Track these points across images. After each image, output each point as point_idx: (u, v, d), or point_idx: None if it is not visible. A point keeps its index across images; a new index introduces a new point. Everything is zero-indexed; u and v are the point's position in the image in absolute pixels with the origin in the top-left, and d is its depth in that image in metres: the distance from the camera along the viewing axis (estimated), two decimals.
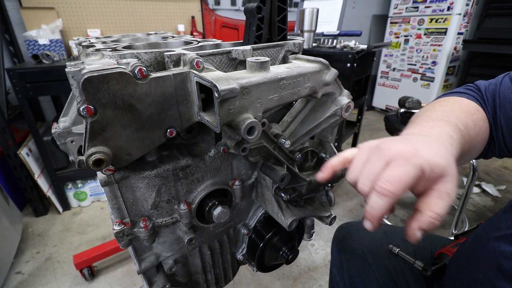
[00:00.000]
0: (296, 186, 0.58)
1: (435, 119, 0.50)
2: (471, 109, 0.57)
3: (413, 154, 0.35)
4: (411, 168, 0.34)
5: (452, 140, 0.43)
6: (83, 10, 2.29)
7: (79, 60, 0.59)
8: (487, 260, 0.52)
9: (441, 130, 0.45)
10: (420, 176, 0.35)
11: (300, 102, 0.54)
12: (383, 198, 0.34)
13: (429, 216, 0.34)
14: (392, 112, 1.82)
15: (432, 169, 0.35)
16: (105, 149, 0.35)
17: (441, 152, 0.38)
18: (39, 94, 2.05)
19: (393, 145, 0.38)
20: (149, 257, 0.54)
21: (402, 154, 0.36)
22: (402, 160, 0.35)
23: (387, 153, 0.37)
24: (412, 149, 0.36)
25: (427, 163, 0.35)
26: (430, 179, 0.36)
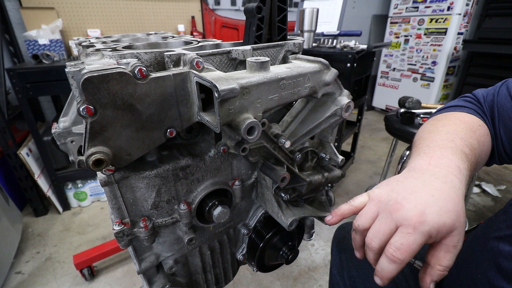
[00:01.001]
0: (296, 186, 0.58)
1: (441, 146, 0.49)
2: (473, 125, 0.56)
3: (420, 222, 0.38)
4: (419, 237, 0.38)
5: (460, 174, 0.44)
6: (83, 10, 2.29)
7: (79, 60, 0.59)
8: (487, 260, 0.52)
9: (448, 163, 0.45)
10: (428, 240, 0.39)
11: (300, 102, 0.54)
12: (393, 264, 0.39)
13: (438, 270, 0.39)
14: (392, 112, 1.82)
15: (439, 231, 0.38)
16: (105, 149, 0.35)
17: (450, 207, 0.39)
18: (39, 94, 2.05)
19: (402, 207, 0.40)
20: (149, 257, 0.54)
21: (411, 221, 0.38)
22: (411, 229, 0.38)
23: (396, 217, 0.39)
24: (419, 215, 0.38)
25: (435, 228, 0.38)
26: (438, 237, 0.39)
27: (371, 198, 0.45)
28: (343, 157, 0.61)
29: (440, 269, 0.39)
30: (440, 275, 0.39)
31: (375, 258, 0.42)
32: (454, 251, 0.39)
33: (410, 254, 0.38)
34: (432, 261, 0.40)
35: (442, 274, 0.39)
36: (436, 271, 0.39)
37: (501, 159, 0.60)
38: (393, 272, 0.39)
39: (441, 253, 0.39)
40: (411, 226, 0.38)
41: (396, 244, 0.38)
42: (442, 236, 0.39)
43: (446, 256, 0.39)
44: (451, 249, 0.39)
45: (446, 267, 0.39)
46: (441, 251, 0.39)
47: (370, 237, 0.42)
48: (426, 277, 0.40)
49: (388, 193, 0.43)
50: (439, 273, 0.39)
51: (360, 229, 0.45)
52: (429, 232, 0.38)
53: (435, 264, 0.39)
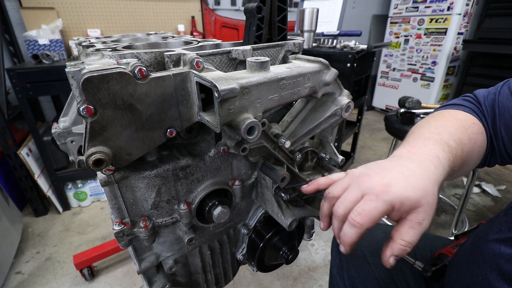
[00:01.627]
0: (296, 186, 0.58)
1: (425, 138, 0.50)
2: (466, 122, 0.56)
3: (383, 191, 0.39)
4: (381, 204, 0.39)
5: (437, 162, 0.45)
6: (83, 10, 2.29)
7: (79, 60, 0.59)
8: (487, 262, 0.52)
9: (428, 151, 0.46)
10: (389, 210, 0.40)
11: (300, 102, 0.54)
12: (353, 228, 0.40)
13: (399, 244, 0.39)
14: (392, 112, 1.82)
15: (403, 203, 0.39)
16: (105, 149, 0.35)
17: (418, 184, 0.40)
18: (39, 94, 2.05)
19: (371, 178, 0.42)
20: (149, 257, 0.54)
21: (375, 189, 0.40)
22: (373, 196, 0.40)
23: (363, 186, 0.42)
24: (384, 185, 0.40)
25: (398, 198, 0.39)
26: (402, 211, 0.40)
27: (347, 173, 0.47)
28: (343, 157, 0.61)
29: (401, 244, 0.39)
30: (400, 250, 0.39)
31: (339, 226, 0.44)
32: (418, 228, 0.39)
33: (370, 220, 0.39)
34: (395, 235, 0.40)
35: (403, 249, 0.39)
36: (397, 245, 0.39)
37: (502, 159, 0.59)
38: (353, 237, 0.40)
39: (405, 228, 0.40)
40: (375, 194, 0.40)
41: (358, 210, 0.40)
42: (407, 210, 0.40)
43: (409, 231, 0.39)
44: (416, 225, 0.39)
45: (408, 243, 0.39)
46: (405, 226, 0.40)
47: (337, 205, 0.43)
48: (387, 250, 0.41)
49: (362, 170, 0.46)
50: (400, 247, 0.39)
51: (329, 196, 0.47)
52: (391, 201, 0.39)
53: (397, 238, 0.40)
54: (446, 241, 0.82)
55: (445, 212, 2.13)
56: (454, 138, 0.51)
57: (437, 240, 0.83)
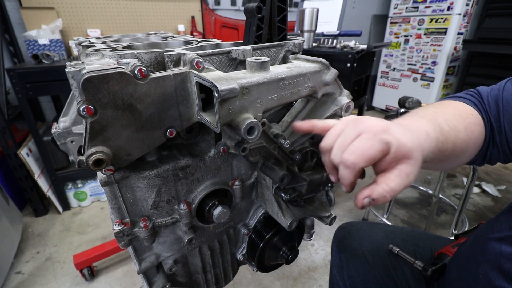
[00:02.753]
0: (296, 186, 0.58)
1: (420, 116, 0.50)
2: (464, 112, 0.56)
3: (383, 130, 0.37)
4: (377, 142, 0.36)
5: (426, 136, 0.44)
6: (83, 10, 2.29)
7: (79, 60, 0.59)
8: (488, 261, 0.52)
9: (420, 125, 0.46)
10: (385, 151, 0.37)
11: (300, 102, 0.54)
12: (347, 169, 0.37)
13: (382, 188, 0.36)
14: (392, 112, 1.81)
15: (399, 147, 0.37)
16: (105, 149, 0.35)
17: (412, 138, 0.39)
18: (39, 94, 2.05)
19: (368, 119, 0.40)
20: (149, 257, 0.54)
21: (373, 128, 0.38)
22: (371, 134, 0.37)
23: (361, 126, 0.39)
24: (384, 125, 0.38)
25: (396, 140, 0.37)
26: (395, 157, 0.37)
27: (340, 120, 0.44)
28: None
29: (384, 188, 0.36)
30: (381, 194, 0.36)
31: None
32: (405, 179, 0.37)
33: (364, 158, 0.36)
34: (380, 179, 0.38)
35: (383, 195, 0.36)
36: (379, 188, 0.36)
37: (505, 156, 0.59)
38: (349, 177, 0.38)
39: (392, 176, 0.37)
40: (372, 132, 0.37)
41: (351, 148, 0.37)
42: (399, 157, 0.38)
43: (396, 179, 0.37)
44: (404, 175, 0.37)
45: (391, 189, 0.36)
46: (393, 174, 0.37)
47: (334, 153, 0.40)
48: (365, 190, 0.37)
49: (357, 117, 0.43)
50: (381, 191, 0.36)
51: (325, 149, 0.43)
52: (389, 141, 0.36)
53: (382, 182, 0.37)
54: (446, 241, 0.82)
55: (445, 212, 2.13)
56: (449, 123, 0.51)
57: (437, 240, 0.83)
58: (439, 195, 1.75)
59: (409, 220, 2.06)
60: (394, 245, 0.80)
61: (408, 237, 0.84)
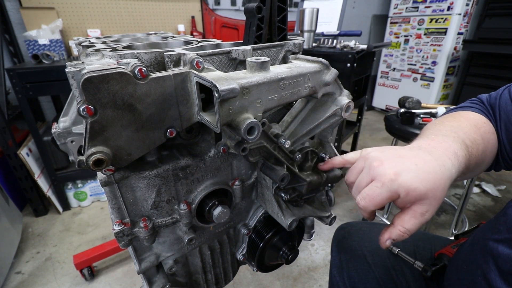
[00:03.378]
0: (296, 186, 0.58)
1: (444, 134, 0.51)
2: (478, 122, 0.57)
3: (391, 180, 0.40)
4: (385, 192, 0.41)
5: (455, 158, 0.45)
6: (83, 10, 2.29)
7: (79, 60, 0.59)
8: (487, 262, 0.52)
9: (447, 147, 0.47)
10: (394, 198, 0.41)
11: (300, 102, 0.54)
12: (360, 209, 0.44)
13: (399, 230, 0.42)
14: (392, 112, 1.82)
15: (408, 193, 0.40)
16: (105, 149, 0.35)
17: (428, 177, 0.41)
18: (39, 94, 2.05)
19: (382, 164, 0.43)
20: (149, 257, 0.54)
21: (383, 177, 0.41)
22: (379, 183, 0.41)
23: (373, 172, 0.43)
24: (393, 174, 0.41)
25: (403, 188, 0.40)
26: (407, 200, 0.41)
27: (362, 156, 0.48)
28: None
29: (401, 230, 0.42)
30: (399, 235, 0.42)
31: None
32: (420, 218, 0.41)
33: (373, 204, 0.41)
34: (396, 221, 0.43)
35: (401, 235, 0.42)
36: (396, 230, 0.42)
37: (505, 163, 0.60)
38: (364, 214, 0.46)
39: (407, 217, 0.42)
40: (381, 181, 0.41)
41: (363, 194, 0.43)
42: (412, 200, 0.41)
43: (410, 220, 0.41)
44: (418, 215, 0.41)
45: (407, 230, 0.41)
46: (408, 215, 0.42)
47: (353, 190, 0.47)
48: (386, 233, 0.43)
49: (377, 154, 0.46)
50: (398, 233, 0.42)
51: (349, 183, 0.50)
52: (396, 190, 0.40)
53: (398, 224, 0.42)
54: (446, 241, 0.82)
55: (445, 212, 2.13)
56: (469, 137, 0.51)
57: (437, 240, 0.83)
58: None
59: None
60: (394, 246, 0.80)
61: (408, 238, 0.84)
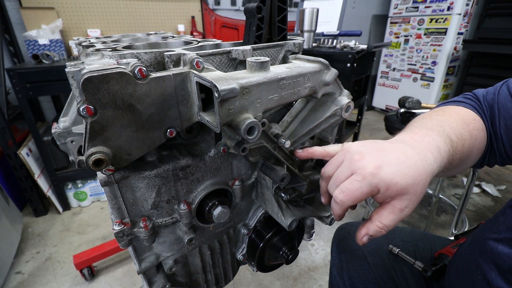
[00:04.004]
0: (296, 186, 0.58)
1: (428, 128, 0.50)
2: (467, 118, 0.56)
3: (371, 174, 0.39)
4: (365, 185, 0.39)
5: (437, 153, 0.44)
6: (83, 10, 2.29)
7: (79, 60, 0.59)
8: (486, 262, 0.52)
9: (430, 141, 0.46)
10: (374, 192, 0.40)
11: (300, 102, 0.54)
12: (336, 204, 0.42)
13: (376, 226, 0.41)
14: (392, 112, 1.82)
15: (389, 188, 0.39)
16: (105, 149, 0.35)
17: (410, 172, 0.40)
18: (39, 94, 2.05)
19: (362, 158, 0.41)
20: (149, 257, 0.54)
21: (363, 170, 0.40)
22: (360, 176, 0.40)
23: (354, 165, 0.41)
24: (374, 167, 0.39)
25: (384, 183, 0.39)
26: (387, 195, 0.40)
27: (342, 149, 0.47)
28: None
29: (378, 226, 0.40)
30: (376, 231, 0.40)
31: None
32: (399, 214, 0.40)
33: (351, 199, 0.40)
34: (374, 217, 0.42)
35: (378, 231, 0.40)
36: (374, 226, 0.41)
37: (502, 160, 0.59)
38: (337, 211, 0.43)
39: (385, 212, 0.40)
40: (362, 175, 0.40)
41: (342, 187, 0.41)
42: (391, 195, 0.40)
43: (389, 216, 0.40)
44: (397, 211, 0.40)
45: (385, 226, 0.40)
46: (386, 210, 0.40)
47: (330, 184, 0.44)
48: (363, 229, 0.42)
49: (358, 147, 0.44)
50: (376, 229, 0.40)
51: (325, 176, 0.47)
52: (377, 185, 0.39)
53: (376, 219, 0.41)
54: (446, 241, 0.82)
55: (445, 212, 2.13)
56: (456, 132, 0.51)
57: (437, 240, 0.83)
58: (439, 195, 1.75)
59: (409, 220, 2.06)
60: (394, 246, 0.80)
61: (408, 238, 0.84)
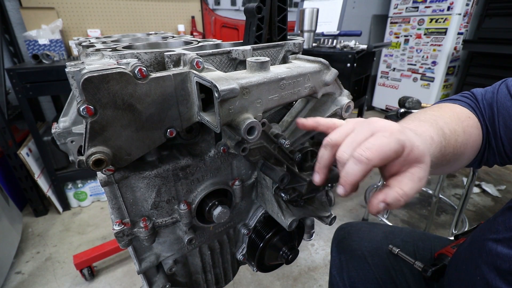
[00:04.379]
0: (296, 186, 0.58)
1: (422, 120, 0.51)
2: (462, 115, 0.57)
3: (399, 130, 0.37)
4: (394, 141, 0.35)
5: (431, 141, 0.45)
6: (83, 10, 2.29)
7: (79, 60, 0.59)
8: (485, 262, 0.52)
9: (424, 130, 0.46)
10: (400, 152, 0.36)
11: (300, 102, 0.54)
12: (358, 165, 0.35)
13: (396, 192, 0.36)
14: (392, 112, 1.82)
15: (413, 149, 0.36)
16: (105, 149, 0.35)
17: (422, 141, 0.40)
18: (39, 94, 2.05)
19: (381, 120, 0.39)
20: (149, 257, 0.54)
21: (389, 128, 0.37)
22: (387, 132, 0.36)
23: (375, 125, 0.38)
24: (399, 126, 0.38)
25: (410, 142, 0.36)
26: (407, 160, 0.37)
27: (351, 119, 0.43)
28: None
29: (398, 192, 0.36)
30: (395, 198, 0.35)
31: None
32: (418, 183, 0.37)
33: (379, 156, 0.34)
34: (393, 183, 0.37)
35: (398, 199, 0.35)
36: (394, 192, 0.36)
37: (501, 159, 0.59)
38: (358, 174, 0.35)
39: (405, 179, 0.37)
40: (389, 131, 0.37)
41: (367, 144, 0.35)
42: (411, 161, 0.37)
43: (409, 183, 0.37)
44: (416, 179, 0.37)
45: (405, 193, 0.36)
46: (406, 178, 0.37)
47: (343, 149, 0.38)
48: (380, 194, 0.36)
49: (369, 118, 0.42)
50: (396, 195, 0.35)
51: (331, 143, 0.40)
52: (404, 142, 0.36)
53: (396, 185, 0.36)
54: (446, 241, 0.82)
55: (445, 212, 2.13)
56: (449, 127, 0.51)
57: (437, 240, 0.83)
58: (439, 195, 1.75)
59: (409, 220, 2.06)
60: (394, 246, 0.80)
61: (408, 238, 0.84)
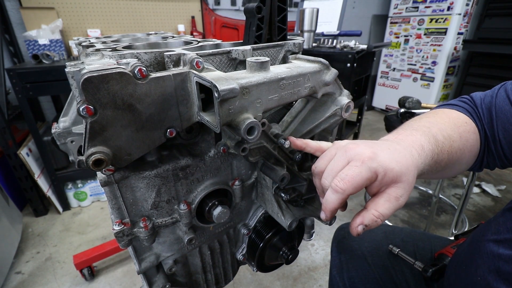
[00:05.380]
0: (296, 186, 0.58)
1: (414, 129, 0.51)
2: (458, 121, 0.57)
3: (370, 158, 0.39)
4: (365, 170, 0.38)
5: (421, 150, 0.45)
6: (83, 10, 2.29)
7: (79, 60, 0.59)
8: (486, 263, 0.52)
9: (414, 139, 0.47)
10: (373, 178, 0.39)
11: (300, 102, 0.54)
12: (335, 194, 0.39)
13: (372, 214, 0.39)
14: (392, 112, 1.82)
15: (386, 173, 0.39)
16: (105, 149, 0.35)
17: (402, 160, 0.40)
18: (39, 94, 2.05)
19: (357, 146, 0.41)
20: (149, 257, 0.54)
21: (361, 156, 0.39)
22: (359, 162, 0.39)
23: (349, 153, 0.41)
24: (371, 153, 0.40)
25: (382, 167, 0.39)
26: (383, 182, 0.39)
27: (333, 144, 0.47)
28: None
29: (374, 214, 0.39)
30: (372, 220, 0.39)
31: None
32: (394, 203, 0.39)
33: (353, 185, 0.38)
34: (370, 205, 0.40)
35: (374, 220, 0.39)
36: (370, 215, 0.39)
37: (502, 163, 0.60)
38: (335, 202, 0.39)
39: (381, 200, 0.39)
40: (360, 160, 0.39)
41: (341, 175, 0.39)
42: (387, 183, 0.39)
43: (385, 204, 0.39)
44: (393, 199, 0.39)
45: (381, 214, 0.39)
46: (382, 199, 0.40)
47: (324, 177, 0.42)
48: (358, 218, 0.40)
49: (349, 141, 0.45)
50: (372, 217, 0.39)
51: (316, 171, 0.45)
52: (376, 169, 0.38)
53: (372, 208, 0.39)
54: (446, 241, 0.82)
55: (445, 212, 2.13)
56: (443, 133, 0.51)
57: (437, 240, 0.83)
58: (439, 195, 1.75)
59: (409, 220, 2.06)
60: (394, 246, 0.80)
61: (408, 238, 0.84)
